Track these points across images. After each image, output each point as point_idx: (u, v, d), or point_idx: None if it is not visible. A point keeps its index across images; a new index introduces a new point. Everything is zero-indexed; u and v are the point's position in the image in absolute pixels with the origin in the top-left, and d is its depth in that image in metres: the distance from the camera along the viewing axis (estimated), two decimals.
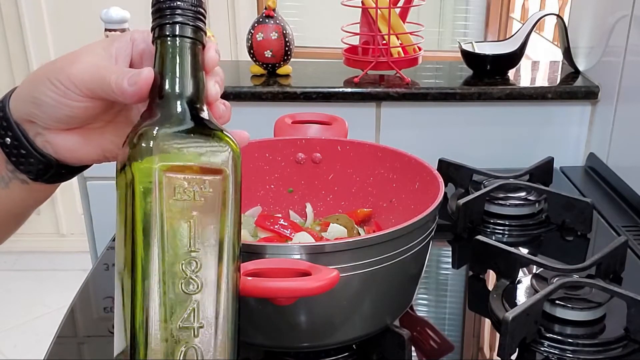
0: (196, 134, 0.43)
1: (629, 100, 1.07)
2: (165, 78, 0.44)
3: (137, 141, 0.41)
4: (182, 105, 0.44)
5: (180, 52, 0.45)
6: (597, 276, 0.77)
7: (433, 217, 0.66)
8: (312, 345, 0.65)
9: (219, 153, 0.43)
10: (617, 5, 1.08)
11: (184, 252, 0.41)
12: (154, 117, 0.43)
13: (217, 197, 0.42)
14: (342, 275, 0.53)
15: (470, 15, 2.85)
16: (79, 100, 0.46)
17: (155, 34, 0.45)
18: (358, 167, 0.82)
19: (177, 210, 0.41)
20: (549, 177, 1.08)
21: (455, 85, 1.19)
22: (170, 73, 0.44)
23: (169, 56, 0.44)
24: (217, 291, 0.42)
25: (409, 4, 1.21)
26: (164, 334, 0.40)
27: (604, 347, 0.68)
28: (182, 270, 0.41)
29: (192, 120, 0.43)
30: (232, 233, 0.43)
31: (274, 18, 1.18)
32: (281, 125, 0.86)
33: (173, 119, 0.43)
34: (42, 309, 2.24)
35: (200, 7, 0.45)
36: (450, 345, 0.72)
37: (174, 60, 0.44)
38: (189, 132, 0.42)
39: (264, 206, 0.83)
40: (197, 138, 0.42)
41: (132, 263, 0.40)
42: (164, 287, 0.40)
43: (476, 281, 0.83)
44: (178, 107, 0.43)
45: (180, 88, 0.44)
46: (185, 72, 0.45)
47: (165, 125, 0.42)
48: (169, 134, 0.42)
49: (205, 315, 0.41)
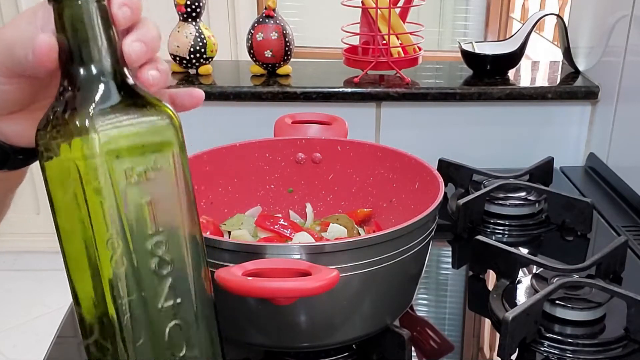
0: (130, 107, 0.39)
1: (629, 100, 1.07)
2: (70, 47, 0.39)
3: (66, 127, 0.37)
4: (99, 76, 0.39)
5: (80, 14, 0.39)
6: (597, 276, 0.77)
7: (433, 217, 0.66)
8: (312, 345, 0.65)
9: (161, 126, 0.40)
10: (617, 5, 1.08)
11: (149, 235, 0.40)
12: (72, 95, 0.39)
13: (168, 172, 0.40)
14: (342, 275, 0.53)
15: (470, 15, 2.85)
16: (5, 83, 0.43)
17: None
18: (358, 167, 0.82)
19: (132, 195, 0.39)
20: (549, 177, 1.08)
21: (455, 85, 1.19)
22: (74, 41, 0.39)
23: (69, 21, 0.39)
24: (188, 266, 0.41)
25: (409, 4, 1.21)
26: (148, 318, 0.40)
27: (604, 347, 0.68)
28: (152, 253, 0.40)
29: (119, 92, 0.39)
30: (187, 205, 0.42)
31: (274, 18, 1.18)
32: (281, 125, 0.86)
33: (95, 95, 0.39)
34: (42, 309, 2.24)
35: None
36: (450, 345, 0.72)
37: (75, 26, 0.39)
38: (122, 106, 0.39)
39: (264, 206, 0.83)
40: (132, 112, 0.39)
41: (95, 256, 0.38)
42: (135, 275, 0.39)
43: (476, 281, 0.83)
44: (95, 80, 0.39)
45: (90, 57, 0.39)
46: (92, 36, 0.39)
47: (89, 103, 0.38)
48: (98, 113, 0.38)
49: (182, 292, 0.41)
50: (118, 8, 0.40)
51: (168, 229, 0.40)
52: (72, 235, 0.39)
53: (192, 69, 1.22)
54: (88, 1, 0.39)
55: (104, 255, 0.38)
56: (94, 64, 0.39)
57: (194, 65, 1.20)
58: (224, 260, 0.58)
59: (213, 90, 1.16)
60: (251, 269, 0.52)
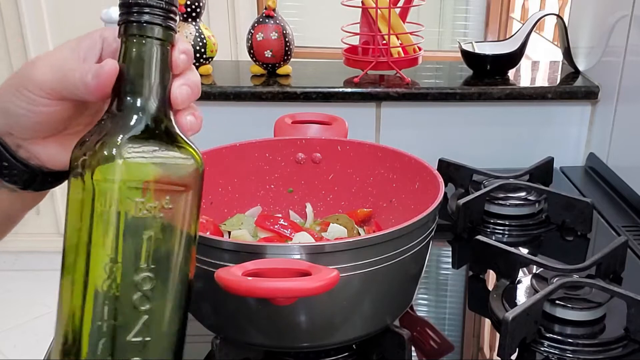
0: (161, 144, 0.41)
1: (629, 100, 1.07)
2: (127, 79, 0.42)
3: (98, 149, 0.39)
4: (144, 110, 0.41)
5: (145, 53, 0.42)
6: (597, 276, 0.77)
7: (433, 217, 0.66)
8: (312, 345, 0.65)
9: (183, 166, 0.41)
10: (617, 5, 1.08)
11: (140, 268, 0.40)
12: (113, 121, 0.41)
13: (177, 213, 0.41)
14: (342, 275, 0.53)
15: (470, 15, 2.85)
16: (47, 105, 0.44)
17: (121, 30, 0.43)
18: (358, 167, 0.82)
19: (135, 226, 0.39)
20: (549, 177, 1.08)
21: (455, 85, 1.19)
22: (133, 74, 0.42)
23: (132, 57, 0.42)
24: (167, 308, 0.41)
25: (409, 4, 1.21)
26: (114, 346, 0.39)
27: (604, 347, 0.68)
28: (137, 286, 0.40)
29: (156, 129, 0.41)
30: (185, 249, 0.42)
31: (274, 18, 1.18)
32: (281, 125, 0.86)
33: (134, 126, 0.41)
34: (42, 309, 2.24)
35: (171, 5, 0.42)
36: (450, 345, 0.72)
37: (138, 62, 0.42)
38: (153, 141, 0.40)
39: (264, 206, 0.83)
40: (160, 148, 0.40)
41: (85, 272, 0.39)
42: (116, 302, 0.39)
43: (476, 281, 0.83)
44: (139, 113, 0.41)
45: (142, 91, 0.42)
46: (148, 74, 0.42)
47: (126, 132, 0.40)
48: (130, 142, 0.40)
49: (154, 331, 0.41)
50: (179, 54, 0.44)
51: (159, 269, 0.40)
52: (74, 249, 0.40)
53: None
54: (154, 43, 0.42)
55: (97, 276, 0.39)
56: (142, 98, 0.42)
57: (194, 65, 1.20)
58: (224, 260, 0.58)
59: (213, 90, 1.16)
60: (251, 269, 0.52)
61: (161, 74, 0.43)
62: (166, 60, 0.43)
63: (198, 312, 0.66)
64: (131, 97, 0.42)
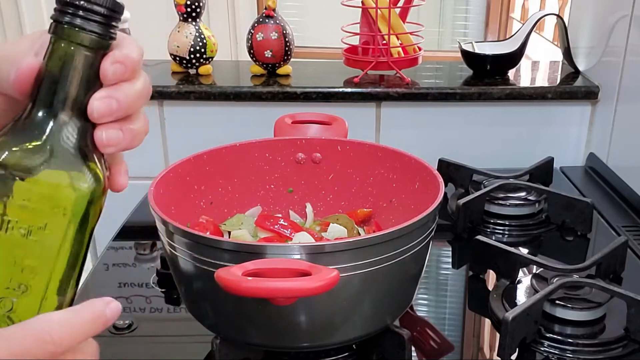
0: (54, 156, 0.37)
1: (629, 100, 1.07)
2: (43, 82, 0.38)
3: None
4: (53, 117, 0.38)
5: (65, 58, 0.38)
6: (597, 276, 0.77)
7: (433, 217, 0.66)
8: (312, 345, 0.65)
9: (76, 187, 0.38)
10: (617, 5, 1.08)
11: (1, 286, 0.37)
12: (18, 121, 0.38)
13: (54, 240, 0.37)
14: (342, 275, 0.53)
15: (470, 15, 2.86)
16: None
17: (50, 28, 0.39)
18: (358, 167, 0.82)
19: (4, 240, 0.37)
20: (549, 177, 1.08)
21: (455, 85, 1.19)
22: (49, 78, 0.38)
23: (52, 59, 0.38)
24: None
25: (409, 4, 1.21)
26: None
27: (604, 347, 0.68)
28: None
29: (55, 139, 0.38)
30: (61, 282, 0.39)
31: (274, 18, 1.18)
32: (281, 125, 0.86)
33: (35, 132, 0.38)
34: None
35: (112, 11, 0.38)
36: (450, 345, 0.72)
37: (56, 66, 0.38)
38: (44, 151, 0.37)
39: (264, 206, 0.83)
40: (52, 161, 0.37)
41: None
42: None
43: (476, 281, 0.83)
44: (47, 119, 0.38)
45: (52, 98, 0.38)
46: (63, 81, 0.38)
47: (22, 137, 0.37)
48: (22, 151, 0.37)
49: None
50: (111, 64, 0.39)
51: (19, 294, 0.38)
52: None
53: (192, 69, 1.22)
54: (79, 48, 0.38)
55: None
56: (51, 105, 0.38)
57: (194, 65, 1.20)
58: (224, 260, 0.58)
59: (213, 90, 1.16)
60: (251, 269, 0.52)
61: (80, 83, 0.39)
62: (91, 69, 0.39)
63: (198, 312, 0.66)
64: (41, 102, 0.38)
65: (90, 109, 0.39)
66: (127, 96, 0.40)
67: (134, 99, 0.40)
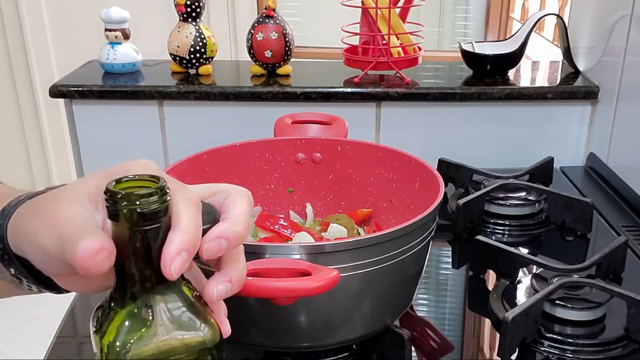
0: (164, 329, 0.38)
1: (629, 100, 1.07)
2: (122, 260, 0.38)
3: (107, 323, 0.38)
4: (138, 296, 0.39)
5: (135, 241, 0.37)
6: (597, 276, 0.77)
7: (433, 217, 0.66)
8: (312, 345, 0.65)
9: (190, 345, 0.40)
10: (617, 5, 1.08)
11: None
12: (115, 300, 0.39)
13: None
14: (342, 275, 0.53)
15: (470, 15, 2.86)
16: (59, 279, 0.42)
17: (109, 212, 0.37)
18: (358, 167, 0.82)
19: None
20: (549, 177, 1.08)
21: (455, 85, 1.19)
22: (127, 257, 0.38)
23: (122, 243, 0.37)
24: None
25: (409, 4, 1.21)
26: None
27: (604, 347, 0.68)
28: None
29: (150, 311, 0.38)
30: None
31: (274, 18, 1.18)
32: (281, 125, 0.86)
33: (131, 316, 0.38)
34: (42, 309, 2.24)
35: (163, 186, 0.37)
36: (450, 345, 0.72)
37: (128, 249, 0.37)
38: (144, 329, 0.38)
39: (264, 206, 0.83)
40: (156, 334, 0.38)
41: None
42: None
43: (476, 281, 0.83)
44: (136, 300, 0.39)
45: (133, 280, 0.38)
46: (139, 261, 0.38)
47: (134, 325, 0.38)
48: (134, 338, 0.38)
49: None
50: (208, 241, 0.39)
51: None
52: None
53: (192, 69, 1.22)
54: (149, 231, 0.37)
55: None
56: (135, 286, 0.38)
57: (194, 65, 1.20)
58: None
59: (213, 90, 1.16)
60: (251, 269, 0.52)
61: (151, 255, 0.38)
62: (158, 237, 0.38)
63: None
64: (123, 283, 0.38)
65: (210, 295, 0.40)
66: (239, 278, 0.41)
67: (243, 278, 0.42)
